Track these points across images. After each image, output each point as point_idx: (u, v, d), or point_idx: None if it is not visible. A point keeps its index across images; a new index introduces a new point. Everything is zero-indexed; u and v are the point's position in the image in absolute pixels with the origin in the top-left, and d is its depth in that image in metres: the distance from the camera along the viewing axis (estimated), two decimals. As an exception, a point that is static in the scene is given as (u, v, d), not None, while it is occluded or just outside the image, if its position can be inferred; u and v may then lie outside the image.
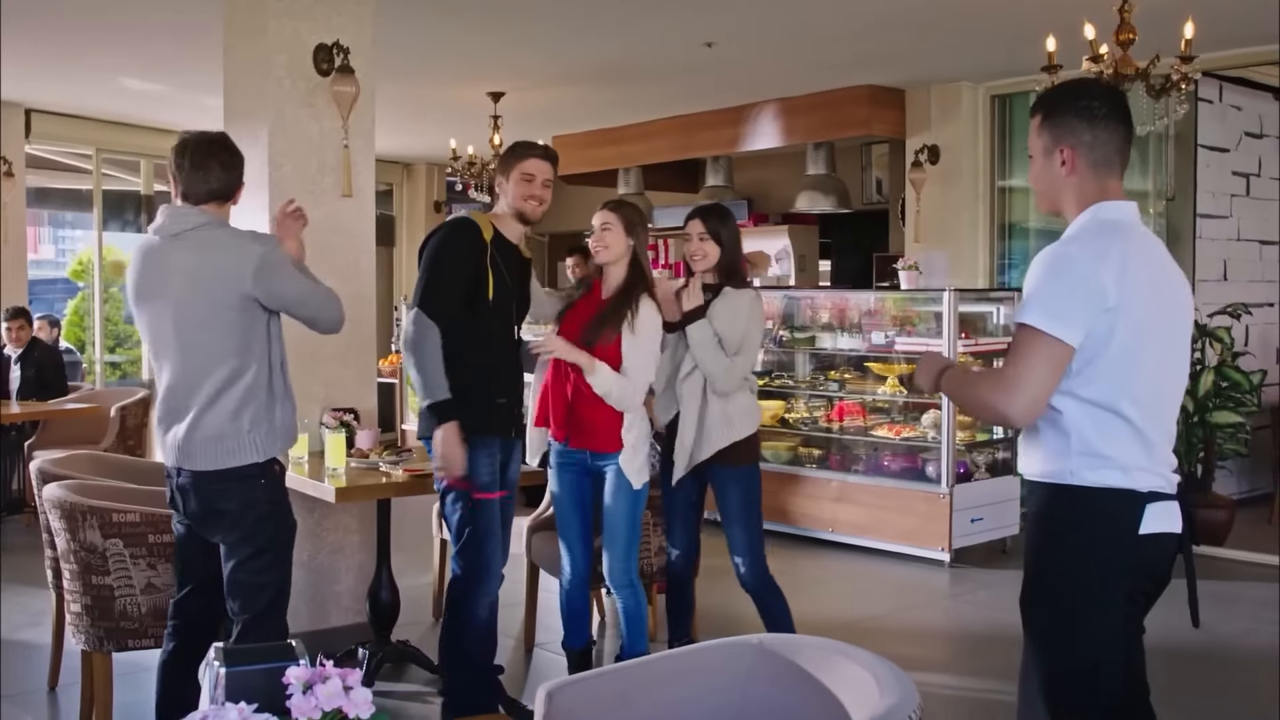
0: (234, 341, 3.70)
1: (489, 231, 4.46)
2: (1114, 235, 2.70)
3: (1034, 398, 2.63)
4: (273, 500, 3.84)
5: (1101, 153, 2.77)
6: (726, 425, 4.71)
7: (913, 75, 8.72)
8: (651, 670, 2.67)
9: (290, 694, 1.94)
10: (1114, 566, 2.71)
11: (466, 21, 7.05)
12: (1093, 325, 2.61)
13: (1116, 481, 2.67)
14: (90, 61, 8.15)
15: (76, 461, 5.37)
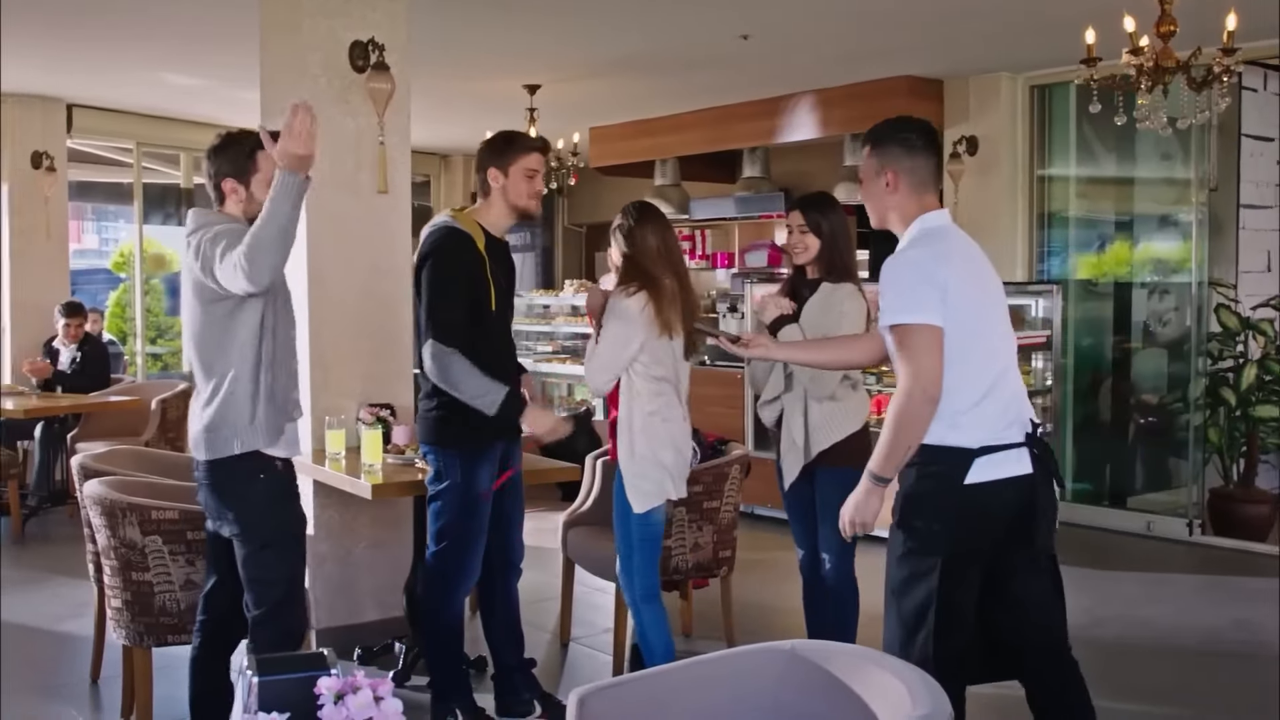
0: (213, 333, 3.75)
1: (480, 238, 4.39)
2: (939, 239, 3.30)
3: (937, 378, 3.15)
4: (273, 495, 3.83)
5: (919, 176, 3.37)
6: (825, 427, 4.57)
7: (951, 66, 8.65)
8: (682, 676, 2.67)
9: (322, 704, 1.96)
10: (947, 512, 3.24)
11: (501, 15, 7.04)
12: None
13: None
14: (129, 56, 8.21)
15: (117, 456, 5.42)
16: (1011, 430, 3.26)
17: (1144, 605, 6.55)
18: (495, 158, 4.44)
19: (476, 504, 4.44)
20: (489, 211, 4.48)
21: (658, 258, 4.44)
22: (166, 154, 11.02)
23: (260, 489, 3.81)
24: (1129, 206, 9.08)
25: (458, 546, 4.45)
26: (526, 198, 4.45)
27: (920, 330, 3.17)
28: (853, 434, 4.59)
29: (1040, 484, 3.32)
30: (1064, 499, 8.34)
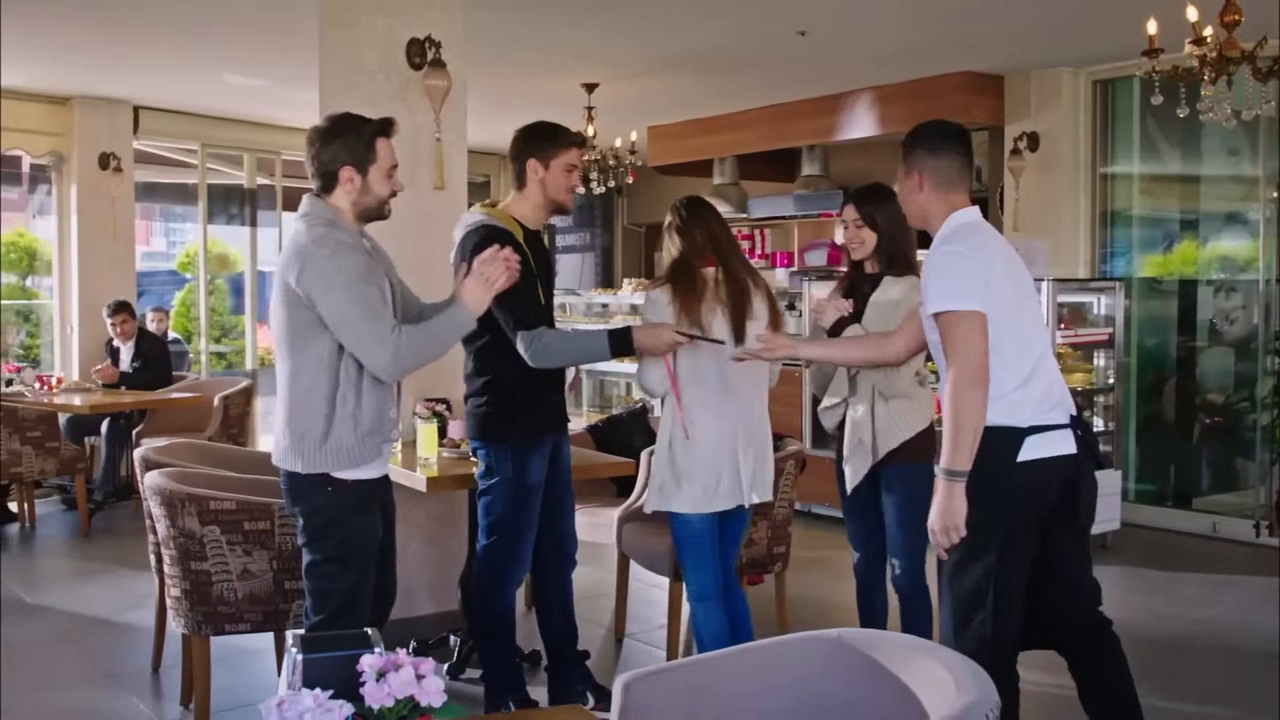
0: (289, 340, 3.61)
1: (518, 232, 4.36)
2: (971, 233, 3.48)
3: (982, 362, 3.30)
4: (341, 509, 3.67)
5: (943, 175, 3.52)
6: (894, 425, 4.44)
7: (1012, 61, 8.56)
8: (729, 663, 2.66)
9: (364, 681, 1.97)
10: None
11: (559, 12, 7.07)
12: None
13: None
14: (192, 58, 8.32)
15: (178, 449, 5.50)
16: (1055, 412, 3.43)
17: (1206, 606, 6.44)
18: (536, 149, 4.41)
19: (528, 497, 4.44)
20: (524, 204, 4.46)
21: (703, 251, 4.37)
22: (230, 155, 11.15)
23: (329, 503, 3.67)
24: (1194, 204, 8.93)
25: (509, 540, 4.46)
26: (565, 192, 4.44)
27: (964, 316, 3.32)
28: (920, 431, 4.49)
29: (1084, 464, 3.48)
30: (1127, 499, 8.22)
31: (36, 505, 8.51)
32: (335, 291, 3.49)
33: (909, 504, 4.43)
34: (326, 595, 3.72)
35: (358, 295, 3.52)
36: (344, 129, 3.68)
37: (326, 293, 3.49)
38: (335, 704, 1.93)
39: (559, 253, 15.00)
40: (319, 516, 3.69)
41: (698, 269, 4.34)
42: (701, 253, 4.37)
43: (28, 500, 8.28)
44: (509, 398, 4.35)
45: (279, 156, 11.22)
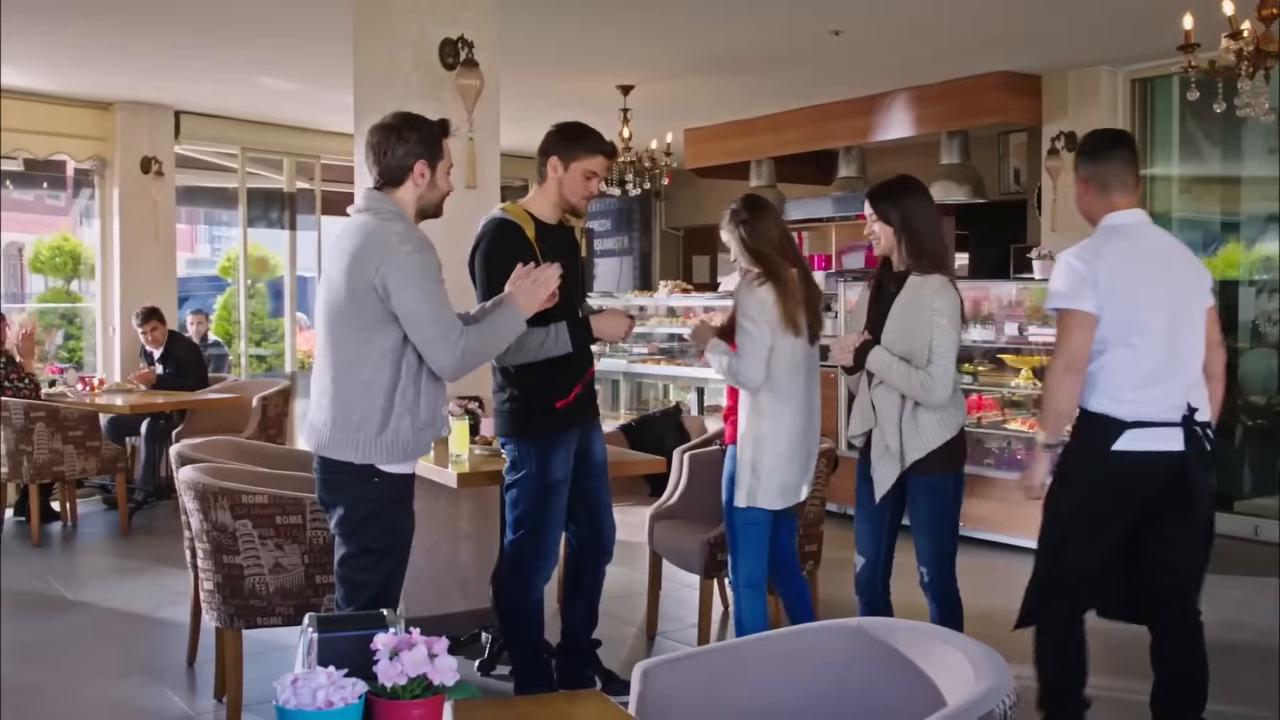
0: (354, 331, 3.60)
1: (530, 227, 4.40)
2: (1106, 237, 3.88)
3: (1079, 355, 3.79)
4: (384, 501, 3.69)
5: (1102, 180, 3.91)
6: (918, 434, 4.28)
7: (1049, 60, 8.50)
8: (748, 651, 2.66)
9: (377, 659, 1.98)
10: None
11: (593, 13, 7.09)
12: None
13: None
14: (231, 62, 8.42)
15: (214, 446, 5.56)
16: (1172, 414, 3.79)
17: (1247, 610, 6.36)
18: (560, 148, 4.45)
19: (553, 491, 4.47)
20: (541, 200, 4.51)
21: (782, 249, 4.46)
22: (270, 159, 11.25)
23: (373, 495, 3.67)
24: (1236, 206, 8.82)
25: (535, 534, 4.49)
26: (579, 198, 4.48)
27: (1068, 314, 3.82)
28: (948, 441, 4.33)
29: (1192, 460, 3.81)
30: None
31: (79, 505, 8.62)
32: (413, 288, 3.53)
33: (934, 515, 4.41)
34: (360, 587, 3.72)
35: (434, 294, 3.57)
36: (417, 124, 3.73)
37: (405, 288, 3.52)
38: (349, 681, 1.95)
39: (597, 256, 15.04)
40: (361, 508, 3.68)
41: (786, 267, 4.41)
42: (782, 250, 4.45)
43: (70, 500, 8.38)
44: (532, 393, 4.39)
45: (318, 160, 11.31)
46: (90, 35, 7.68)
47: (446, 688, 1.99)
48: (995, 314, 7.98)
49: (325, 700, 1.91)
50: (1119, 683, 5.07)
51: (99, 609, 6.38)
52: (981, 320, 8.04)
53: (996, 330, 7.90)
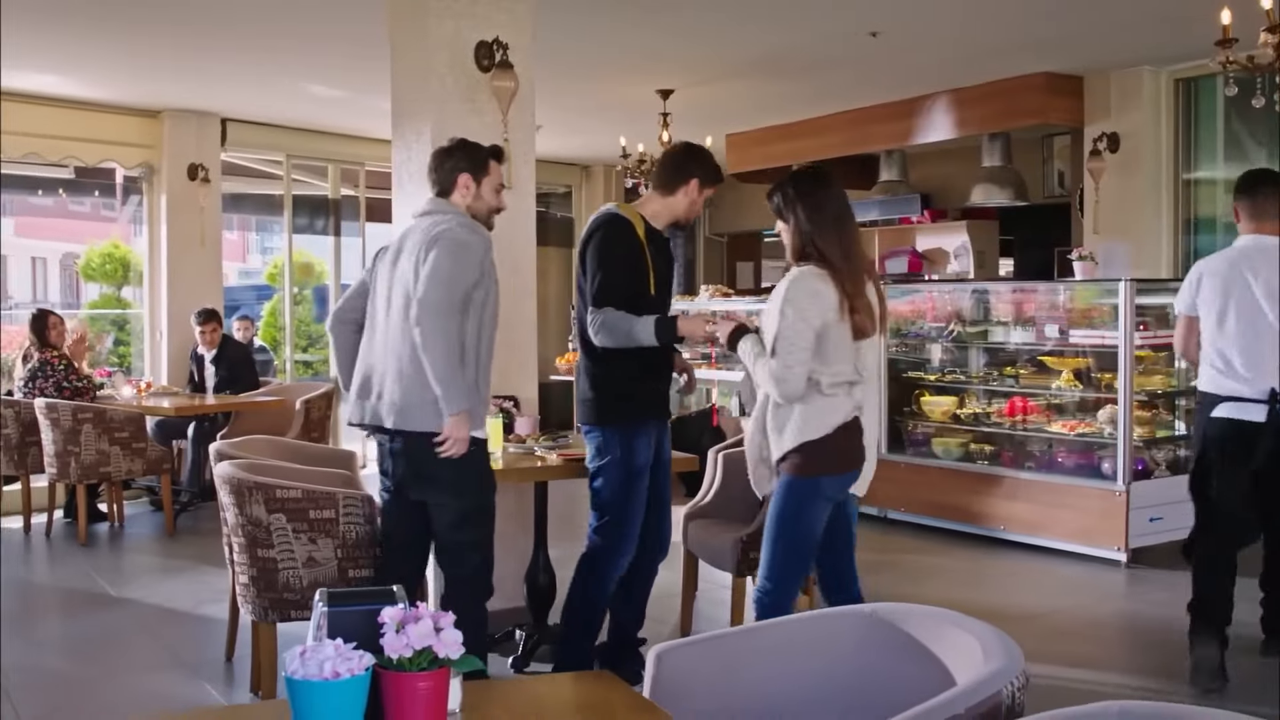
0: (455, 316, 4.11)
1: (640, 226, 4.66)
2: (1220, 254, 5.18)
3: (1183, 348, 5.37)
4: (484, 458, 4.35)
5: (1252, 209, 5.06)
6: (777, 435, 4.06)
7: (1090, 61, 8.44)
8: (762, 637, 2.66)
9: (384, 632, 2.01)
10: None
11: (629, 16, 7.12)
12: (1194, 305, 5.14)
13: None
14: (277, 70, 8.52)
15: (253, 445, 5.64)
16: (1260, 390, 4.88)
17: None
18: (703, 174, 4.73)
19: (637, 478, 4.66)
20: (658, 207, 4.77)
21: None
22: (315, 166, 11.37)
23: (481, 455, 4.32)
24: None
25: (619, 518, 4.67)
26: (692, 215, 4.85)
27: (1179, 317, 5.29)
28: (809, 442, 3.99)
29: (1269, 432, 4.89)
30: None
31: (126, 506, 8.74)
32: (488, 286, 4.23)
33: (773, 518, 4.11)
34: (475, 546, 4.32)
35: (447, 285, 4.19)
36: (466, 145, 4.43)
37: (480, 285, 4.18)
38: (356, 653, 1.98)
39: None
40: (472, 465, 4.25)
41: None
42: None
43: (117, 501, 8.50)
44: (618, 382, 4.63)
45: (363, 167, 11.42)
46: (138, 44, 7.80)
47: (452, 661, 2.02)
48: (1036, 316, 7.93)
49: (332, 671, 1.94)
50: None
51: (142, 605, 6.47)
52: (1022, 322, 8.00)
53: (1037, 333, 7.85)
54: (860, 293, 3.97)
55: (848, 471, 4.08)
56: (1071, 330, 7.64)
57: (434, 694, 2.01)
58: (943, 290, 8.77)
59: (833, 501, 4.10)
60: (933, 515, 8.20)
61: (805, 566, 4.18)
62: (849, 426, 4.02)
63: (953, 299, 8.54)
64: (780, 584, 4.09)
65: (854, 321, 3.95)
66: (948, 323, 8.43)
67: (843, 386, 4.01)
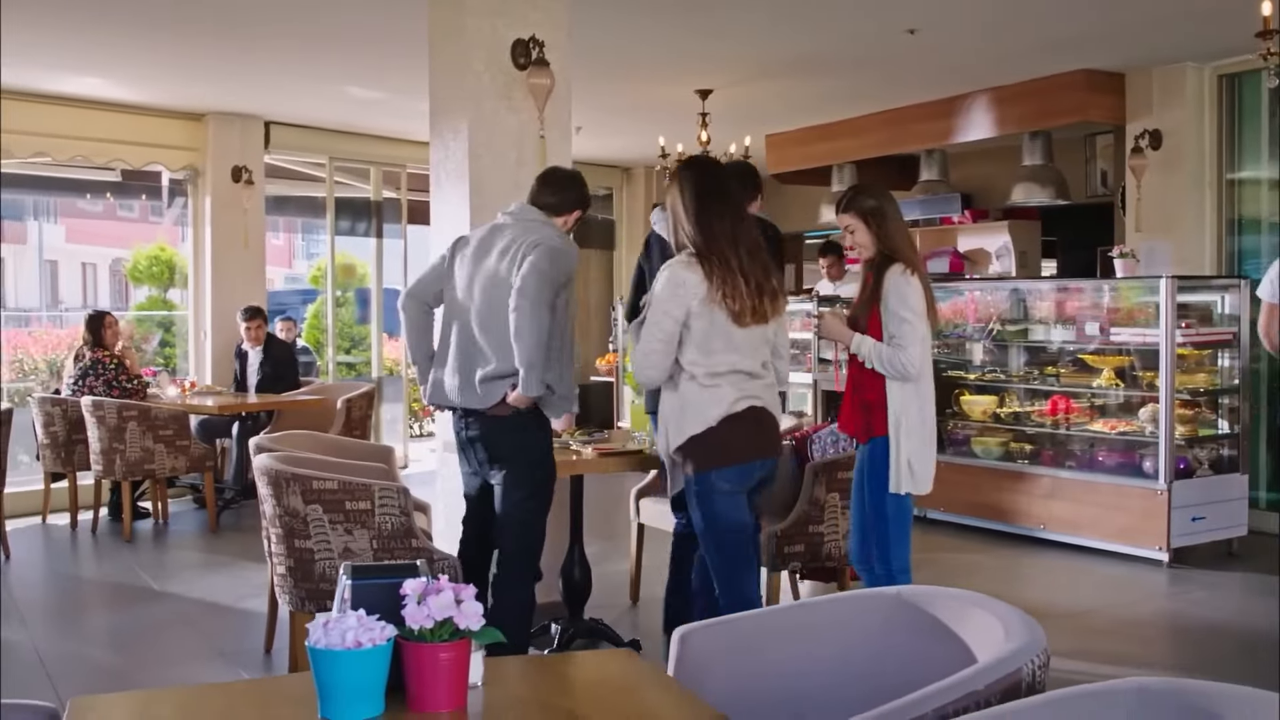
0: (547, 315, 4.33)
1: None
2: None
3: (1266, 331, 5.94)
4: (550, 443, 4.63)
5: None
6: (664, 432, 4.13)
7: (1132, 57, 8.36)
8: (785, 618, 2.67)
9: (405, 604, 2.04)
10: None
11: (666, 14, 7.14)
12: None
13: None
14: (319, 72, 8.61)
15: (292, 440, 5.70)
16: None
17: None
18: (748, 191, 4.94)
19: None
20: None
21: (910, 241, 4.56)
22: (357, 168, 11.46)
23: (547, 437, 4.61)
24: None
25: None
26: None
27: (1264, 305, 5.90)
28: (696, 435, 4.03)
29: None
30: (1257, 506, 7.94)
31: (170, 504, 8.84)
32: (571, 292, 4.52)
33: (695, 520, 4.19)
34: (528, 526, 4.53)
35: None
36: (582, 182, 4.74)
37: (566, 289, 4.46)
38: (377, 624, 2.00)
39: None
40: (538, 449, 4.54)
41: (921, 260, 4.55)
42: (910, 243, 4.56)
43: (161, 498, 8.60)
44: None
45: (404, 170, 11.51)
46: (182, 47, 7.90)
47: (473, 632, 2.04)
48: (1077, 315, 7.88)
49: (354, 640, 1.97)
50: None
51: (183, 599, 6.56)
52: (1063, 321, 7.94)
53: (1078, 331, 7.79)
54: (734, 280, 3.96)
55: (741, 464, 4.05)
56: (1113, 329, 7.57)
57: (455, 665, 2.03)
58: (983, 289, 8.72)
59: (739, 493, 4.10)
60: (972, 515, 8.16)
61: (746, 560, 4.19)
62: (739, 418, 4.00)
63: (993, 298, 8.49)
64: (729, 589, 4.16)
65: (729, 309, 3.95)
66: (988, 322, 8.38)
67: (726, 377, 4.00)
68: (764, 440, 4.10)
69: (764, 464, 4.13)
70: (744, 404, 4.01)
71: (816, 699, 2.44)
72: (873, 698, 2.19)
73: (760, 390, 4.07)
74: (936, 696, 2.05)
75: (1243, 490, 7.45)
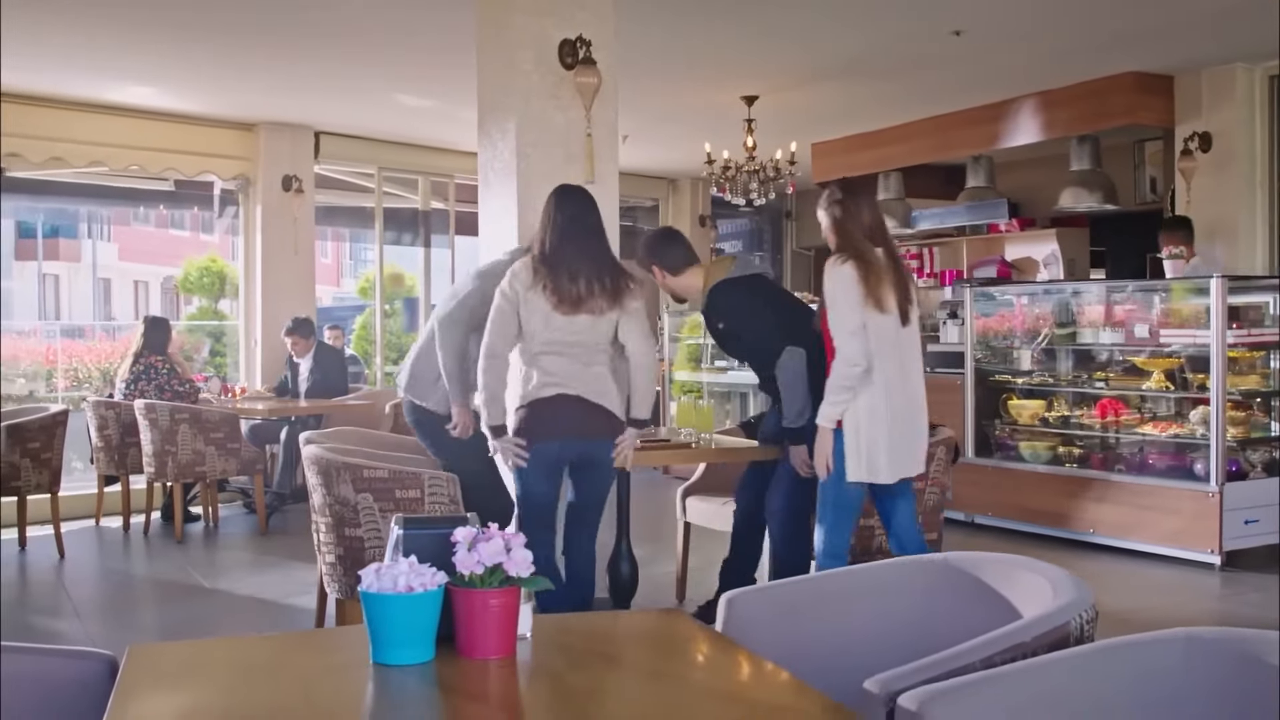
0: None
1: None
2: None
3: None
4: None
5: None
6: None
7: (1181, 58, 8.31)
8: (830, 584, 2.68)
9: (455, 550, 2.06)
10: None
11: (711, 17, 7.17)
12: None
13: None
14: (368, 81, 8.71)
15: (341, 435, 5.76)
16: None
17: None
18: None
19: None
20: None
21: (872, 231, 4.60)
22: (405, 178, 11.56)
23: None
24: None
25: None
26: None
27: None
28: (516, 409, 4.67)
29: None
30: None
31: (220, 508, 8.94)
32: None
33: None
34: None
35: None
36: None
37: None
38: (429, 570, 2.03)
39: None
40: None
41: (871, 248, 4.55)
42: (871, 233, 4.59)
43: (212, 503, 8.70)
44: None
45: (452, 180, 11.60)
46: (233, 56, 8.03)
47: (523, 579, 2.06)
48: (1126, 317, 7.82)
49: (406, 585, 1.99)
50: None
51: (232, 596, 6.63)
52: (1112, 324, 7.88)
53: (1127, 334, 7.73)
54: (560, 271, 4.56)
55: (545, 441, 4.55)
56: (1162, 331, 7.51)
57: (505, 611, 2.05)
58: (1032, 293, 8.67)
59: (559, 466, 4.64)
60: (1021, 519, 8.09)
61: (546, 532, 4.66)
62: (539, 400, 4.55)
63: (1042, 303, 8.44)
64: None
65: (548, 297, 4.52)
66: (1036, 327, 8.33)
67: (534, 359, 4.57)
68: (554, 422, 4.58)
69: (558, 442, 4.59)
70: (545, 390, 4.56)
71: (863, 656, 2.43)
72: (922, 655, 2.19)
73: (555, 371, 4.57)
74: (984, 647, 2.05)
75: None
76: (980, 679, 1.91)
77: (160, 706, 2.07)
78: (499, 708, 2.06)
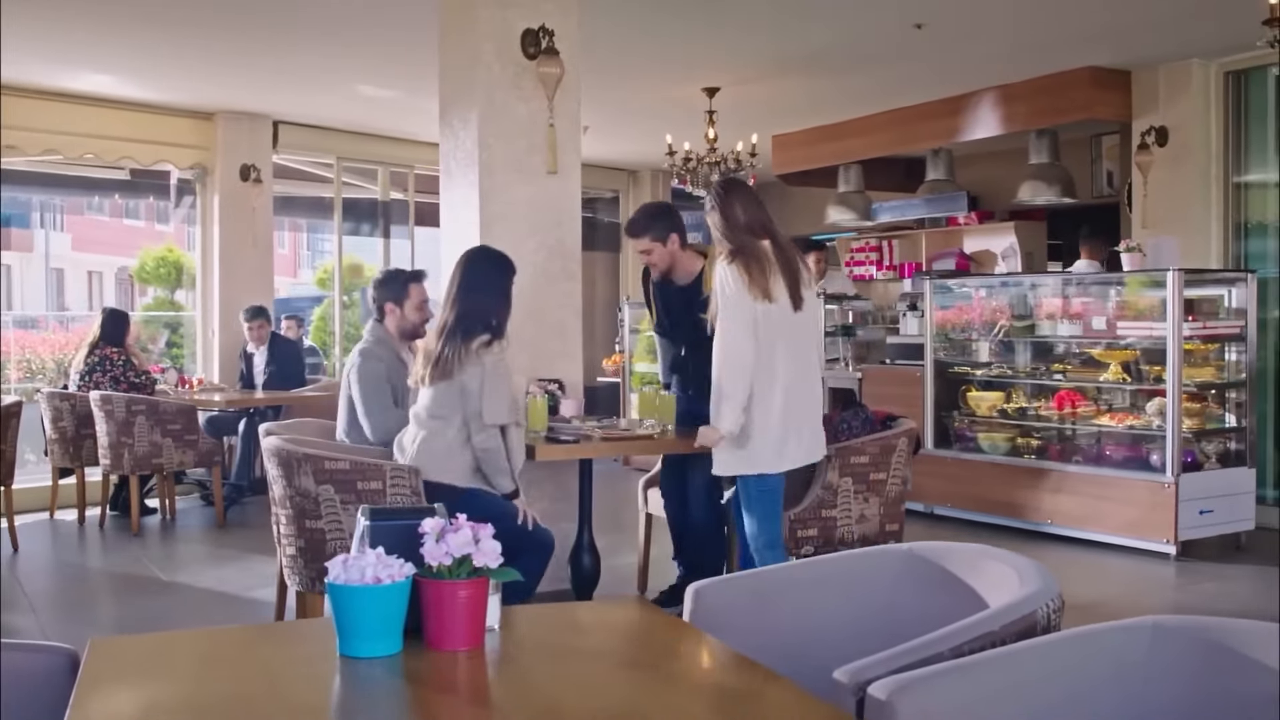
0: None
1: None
2: None
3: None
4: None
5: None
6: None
7: (1138, 54, 8.38)
8: (796, 574, 2.68)
9: (424, 542, 2.05)
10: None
11: (673, 9, 7.16)
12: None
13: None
14: (327, 70, 8.62)
15: (301, 427, 5.71)
16: None
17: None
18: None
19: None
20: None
21: (752, 225, 4.74)
22: (364, 169, 11.48)
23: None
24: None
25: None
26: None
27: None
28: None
29: None
30: (1264, 503, 7.93)
31: (178, 501, 8.86)
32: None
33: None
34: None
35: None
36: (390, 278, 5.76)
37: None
38: (396, 561, 2.02)
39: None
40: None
41: (754, 242, 4.70)
42: (751, 227, 4.73)
43: (169, 495, 8.62)
44: None
45: (412, 171, 11.52)
46: (191, 45, 7.94)
47: (491, 570, 2.05)
48: (1083, 310, 7.89)
49: (373, 577, 1.98)
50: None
51: (191, 589, 6.58)
52: (1069, 317, 7.95)
53: (1085, 326, 7.80)
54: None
55: None
56: (1119, 323, 7.58)
57: (473, 602, 2.04)
58: (990, 285, 8.73)
59: None
60: (979, 510, 8.16)
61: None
62: None
63: (1000, 295, 8.50)
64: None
65: None
66: (994, 319, 8.39)
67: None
68: None
69: None
70: None
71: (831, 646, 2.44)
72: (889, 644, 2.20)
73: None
74: (953, 636, 2.06)
75: (1250, 484, 7.46)
76: (950, 668, 1.93)
77: (124, 700, 2.05)
78: (468, 699, 2.05)
